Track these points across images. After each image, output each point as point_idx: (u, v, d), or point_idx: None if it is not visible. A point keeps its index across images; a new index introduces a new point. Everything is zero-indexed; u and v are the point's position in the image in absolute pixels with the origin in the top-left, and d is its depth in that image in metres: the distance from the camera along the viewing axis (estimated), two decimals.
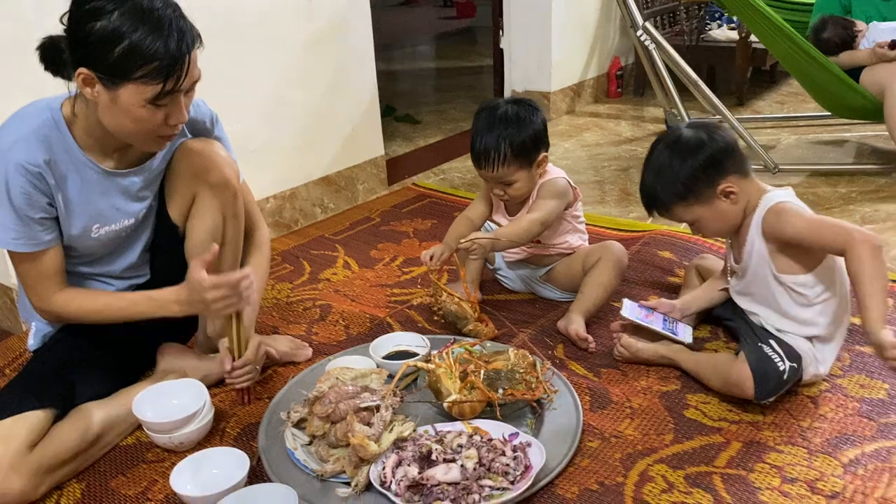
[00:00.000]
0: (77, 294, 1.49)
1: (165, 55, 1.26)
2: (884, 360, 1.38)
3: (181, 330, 1.75)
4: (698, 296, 1.77)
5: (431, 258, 1.81)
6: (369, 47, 2.83)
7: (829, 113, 3.14)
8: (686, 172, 1.51)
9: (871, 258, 1.36)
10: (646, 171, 1.59)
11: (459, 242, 1.74)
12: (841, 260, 1.50)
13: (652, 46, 3.20)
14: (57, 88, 1.39)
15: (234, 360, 1.56)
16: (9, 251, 1.42)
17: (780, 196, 1.51)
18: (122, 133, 1.37)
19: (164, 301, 1.47)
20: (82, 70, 1.28)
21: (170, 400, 1.52)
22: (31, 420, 1.37)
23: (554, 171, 1.88)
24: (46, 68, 1.34)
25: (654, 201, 1.58)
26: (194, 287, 1.43)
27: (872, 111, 2.76)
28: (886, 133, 2.86)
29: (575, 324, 1.77)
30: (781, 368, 1.48)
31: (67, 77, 1.36)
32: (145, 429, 1.49)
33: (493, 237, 1.75)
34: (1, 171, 1.34)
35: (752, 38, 3.79)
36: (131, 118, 1.32)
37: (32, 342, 1.60)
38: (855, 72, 2.78)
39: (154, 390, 1.53)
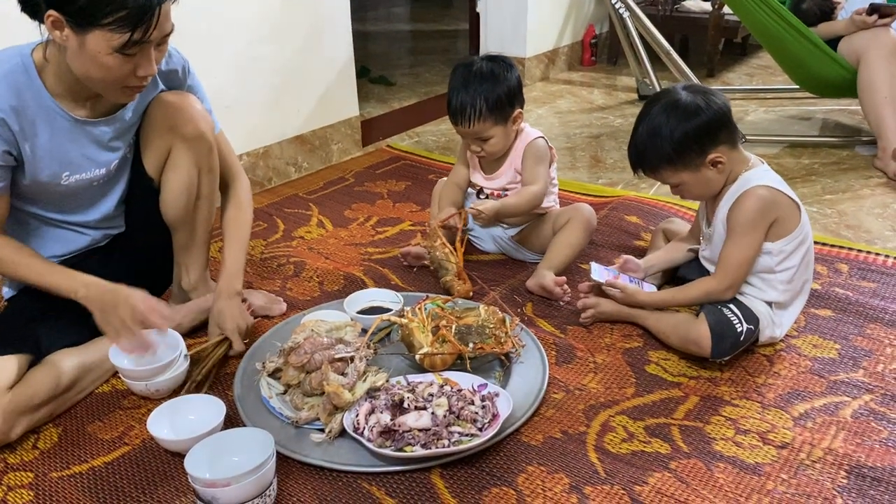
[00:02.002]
0: (4, 243, 1.44)
1: (135, 4, 1.26)
2: None
3: (156, 282, 1.77)
4: (660, 256, 1.82)
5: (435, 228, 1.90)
6: (345, 5, 2.82)
7: (798, 87, 3.21)
8: (679, 138, 1.51)
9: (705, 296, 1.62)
10: (638, 130, 1.58)
11: (469, 208, 1.81)
12: (809, 235, 1.59)
13: (626, 14, 3.23)
14: (29, 34, 1.37)
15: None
16: None
17: (758, 178, 1.54)
18: (89, 80, 1.36)
19: (74, 284, 1.42)
20: (52, 12, 1.26)
21: None
22: (6, 364, 1.39)
23: (532, 131, 1.93)
24: (23, 9, 1.33)
25: (643, 161, 1.59)
26: (122, 298, 1.40)
27: (847, 82, 2.81)
28: (850, 107, 2.94)
29: (546, 278, 1.82)
30: (739, 330, 1.55)
31: (43, 21, 1.35)
32: (122, 376, 1.52)
33: (498, 206, 1.80)
34: None
35: (725, 9, 3.84)
36: (98, 65, 1.31)
37: (7, 290, 1.61)
38: (832, 44, 2.83)
39: None
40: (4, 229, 1.48)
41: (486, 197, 2.00)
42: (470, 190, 2.02)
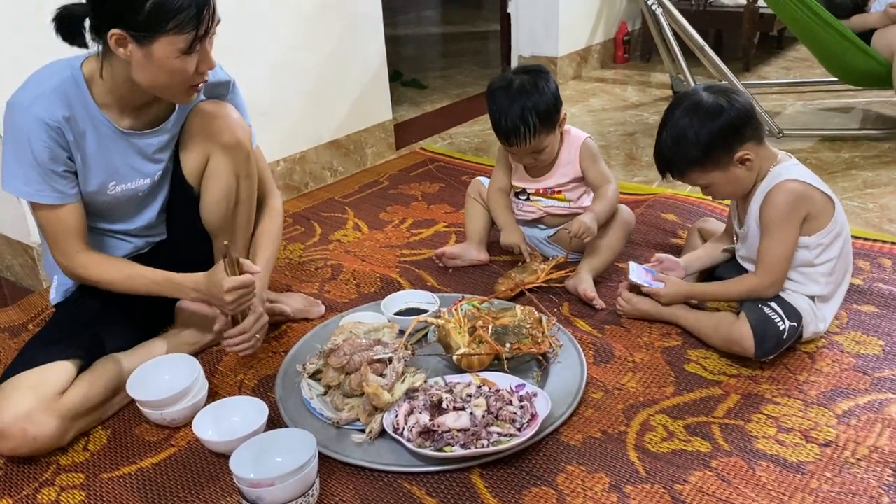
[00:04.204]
0: (100, 260, 1.53)
1: (193, 2, 1.31)
2: None
3: None
4: (700, 255, 1.81)
5: (529, 254, 1.97)
6: (377, 10, 2.85)
7: (835, 79, 3.16)
8: (705, 139, 1.51)
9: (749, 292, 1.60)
10: (662, 135, 1.58)
11: (569, 234, 1.83)
12: (845, 226, 1.56)
13: (659, 11, 3.21)
14: (72, 51, 1.42)
15: (232, 325, 1.56)
16: (32, 204, 1.46)
17: (787, 172, 1.52)
18: (156, 88, 1.40)
19: (184, 287, 1.53)
20: (115, 31, 1.31)
21: (163, 376, 1.52)
22: (58, 369, 1.43)
23: (577, 132, 1.94)
24: (64, 39, 1.38)
25: (671, 165, 1.59)
26: (214, 286, 1.49)
27: (882, 75, 2.77)
28: (891, 99, 2.88)
29: (585, 283, 1.82)
30: (781, 328, 1.53)
31: (82, 45, 1.40)
32: (138, 405, 1.49)
33: (594, 216, 1.83)
34: (23, 125, 1.37)
35: (760, 2, 3.79)
36: (166, 71, 1.36)
37: (55, 296, 1.66)
38: (867, 36, 2.79)
39: (149, 366, 1.53)
40: (85, 241, 1.51)
41: (528, 198, 2.00)
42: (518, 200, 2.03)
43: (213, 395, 1.56)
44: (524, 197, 2.01)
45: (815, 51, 3.03)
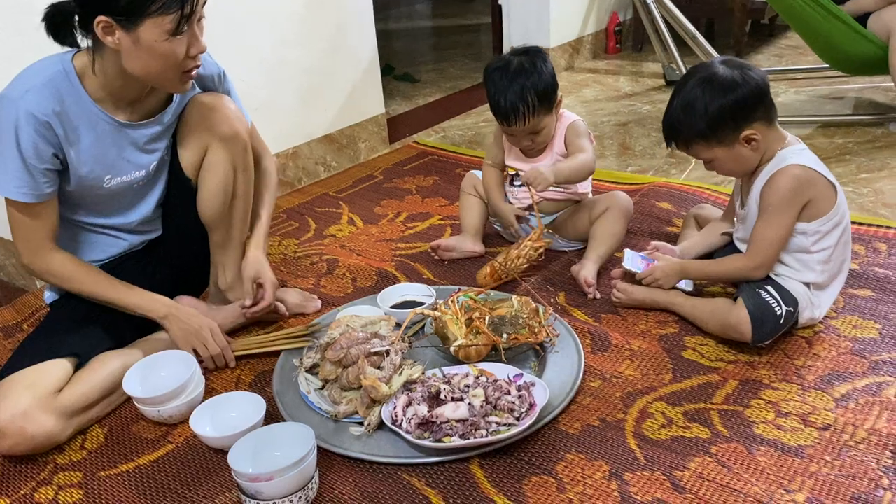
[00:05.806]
0: (75, 260, 1.53)
1: None
2: None
3: (194, 283, 1.80)
4: (697, 242, 1.80)
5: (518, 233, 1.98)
6: (368, 5, 2.83)
7: (828, 66, 3.15)
8: (713, 113, 1.49)
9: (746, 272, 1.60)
10: (673, 103, 1.56)
11: (523, 175, 1.81)
12: (846, 216, 1.56)
13: (651, 0, 3.20)
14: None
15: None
16: (7, 200, 1.44)
17: (793, 157, 1.52)
18: (149, 76, 1.39)
19: (155, 306, 1.58)
20: (101, 18, 1.30)
21: (159, 373, 1.51)
22: (55, 367, 1.43)
23: (570, 114, 1.94)
24: (55, 38, 1.37)
25: (677, 135, 1.58)
26: (205, 332, 1.59)
27: (879, 59, 2.76)
28: (883, 84, 2.89)
29: (586, 270, 1.82)
30: (778, 313, 1.53)
31: (72, 44, 1.40)
32: (135, 403, 1.48)
33: (554, 169, 1.79)
34: (11, 119, 1.36)
35: None
36: (156, 56, 1.35)
37: (49, 294, 1.65)
38: (861, 21, 2.79)
39: (145, 363, 1.52)
40: (55, 241, 1.51)
41: (522, 184, 2.00)
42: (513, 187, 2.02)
43: (209, 392, 1.55)
44: (518, 183, 2.01)
45: (808, 38, 3.01)
